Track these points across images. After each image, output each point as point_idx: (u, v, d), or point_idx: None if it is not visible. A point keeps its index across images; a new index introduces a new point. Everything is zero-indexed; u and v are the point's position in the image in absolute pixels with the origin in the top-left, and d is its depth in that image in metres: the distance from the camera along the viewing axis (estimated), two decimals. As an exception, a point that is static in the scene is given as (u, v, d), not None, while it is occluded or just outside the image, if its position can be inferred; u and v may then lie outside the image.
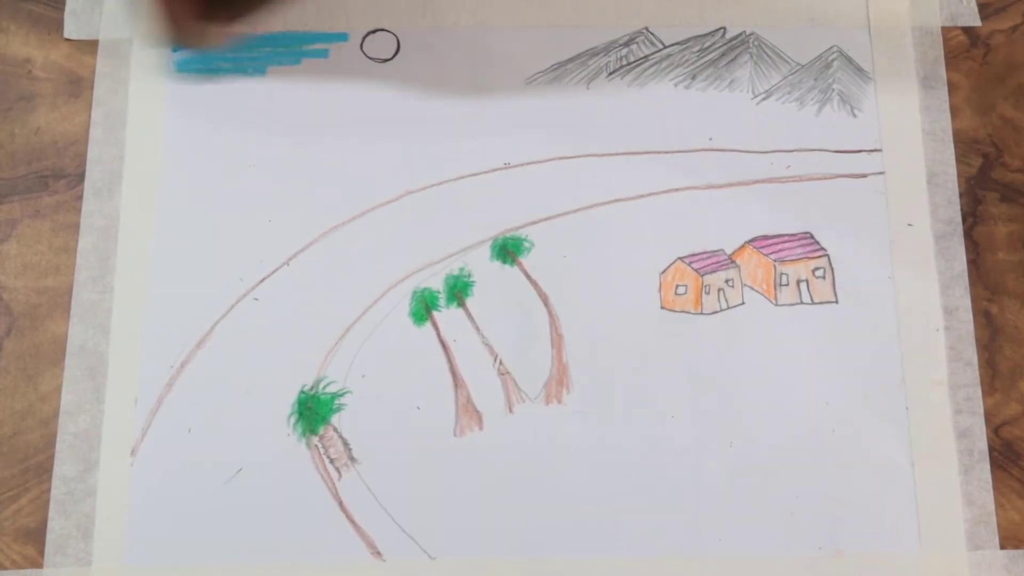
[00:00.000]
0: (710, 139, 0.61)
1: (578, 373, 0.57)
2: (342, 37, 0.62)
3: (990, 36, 0.63)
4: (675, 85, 0.62)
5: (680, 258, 0.59)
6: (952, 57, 0.62)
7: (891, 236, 0.59)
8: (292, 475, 0.55)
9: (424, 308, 0.58)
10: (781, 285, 0.58)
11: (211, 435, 0.56)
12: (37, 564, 0.54)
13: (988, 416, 0.56)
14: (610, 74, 0.62)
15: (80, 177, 0.60)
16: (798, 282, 0.58)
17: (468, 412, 0.56)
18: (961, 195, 0.60)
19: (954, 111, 0.61)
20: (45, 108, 0.61)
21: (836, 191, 0.60)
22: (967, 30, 0.63)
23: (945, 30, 0.63)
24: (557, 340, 0.57)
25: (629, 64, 0.62)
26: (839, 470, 0.55)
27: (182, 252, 0.59)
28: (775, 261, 0.58)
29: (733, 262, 0.59)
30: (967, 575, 0.54)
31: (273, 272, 0.58)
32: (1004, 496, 0.55)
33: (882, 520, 0.55)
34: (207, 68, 0.61)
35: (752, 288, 0.58)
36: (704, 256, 0.59)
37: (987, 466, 0.56)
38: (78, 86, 0.62)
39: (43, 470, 0.56)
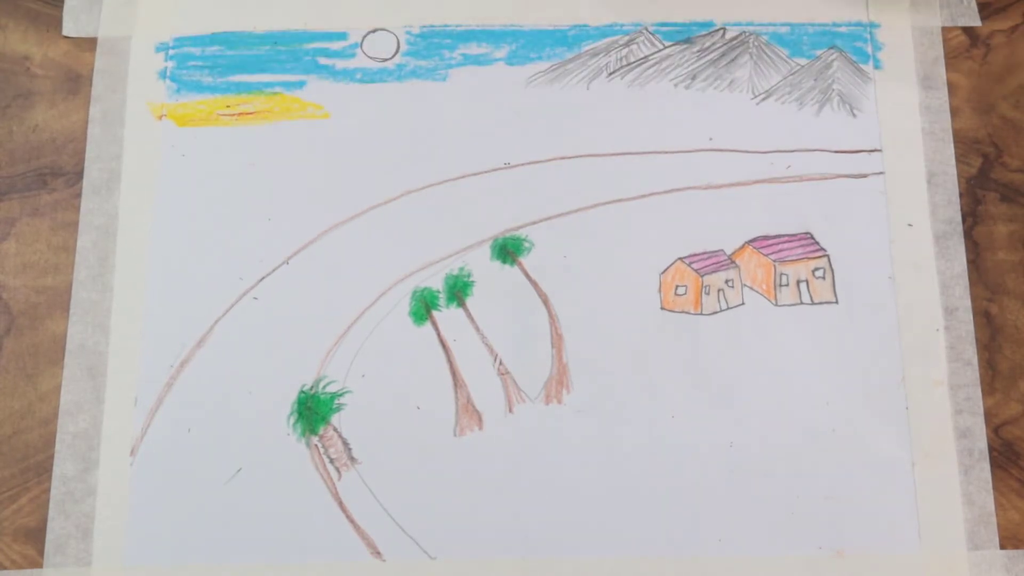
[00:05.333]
0: (710, 139, 0.61)
1: (578, 373, 0.57)
2: (342, 36, 0.62)
3: (990, 36, 0.63)
4: (675, 85, 0.62)
5: (680, 258, 0.58)
6: (952, 57, 0.62)
7: (891, 236, 0.59)
8: (292, 475, 0.55)
9: (424, 308, 0.58)
10: (781, 285, 0.58)
11: (211, 435, 0.56)
12: (37, 564, 0.54)
13: (988, 416, 0.56)
14: (610, 74, 0.62)
15: (79, 175, 0.60)
16: (798, 282, 0.58)
17: (468, 412, 0.56)
18: (961, 195, 0.60)
19: (954, 111, 0.61)
20: (43, 105, 0.61)
21: (836, 191, 0.60)
22: (967, 30, 0.63)
23: (945, 30, 0.63)
24: (557, 340, 0.57)
25: (629, 64, 0.62)
26: (839, 470, 0.55)
27: (181, 251, 0.59)
28: (775, 261, 0.58)
29: (733, 262, 0.59)
30: (967, 575, 0.54)
31: (273, 271, 0.58)
32: (1004, 496, 0.56)
33: (882, 520, 0.55)
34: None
35: (752, 288, 0.58)
36: (704, 256, 0.59)
37: (987, 466, 0.56)
38: (76, 83, 0.61)
39: (43, 470, 0.55)
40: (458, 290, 0.58)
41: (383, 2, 0.63)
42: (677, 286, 0.58)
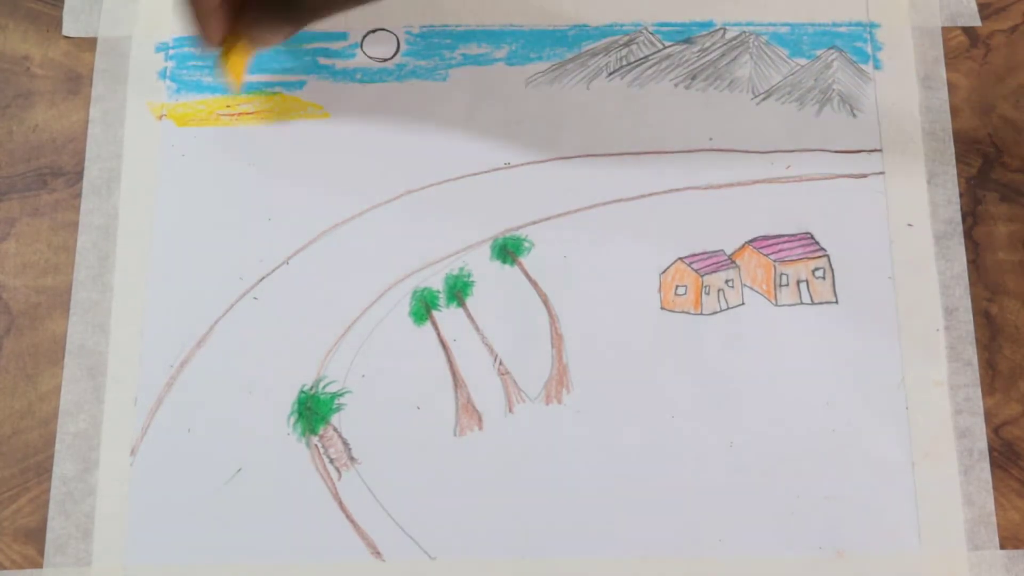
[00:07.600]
0: (710, 139, 0.61)
1: (578, 373, 0.57)
2: (342, 36, 0.62)
3: (990, 36, 0.63)
4: (675, 85, 0.62)
5: (680, 258, 0.58)
6: (952, 57, 0.62)
7: (891, 236, 0.59)
8: (292, 475, 0.55)
9: (424, 308, 0.58)
10: (781, 285, 0.58)
11: (211, 435, 0.56)
12: (37, 564, 0.54)
13: (988, 416, 0.56)
14: (610, 74, 0.62)
15: (79, 175, 0.60)
16: (798, 282, 0.58)
17: (468, 412, 0.56)
18: (961, 195, 0.60)
19: (954, 111, 0.61)
20: (43, 105, 0.61)
21: (836, 191, 0.60)
22: (967, 30, 0.63)
23: (945, 30, 0.63)
24: (557, 340, 0.57)
25: (629, 64, 0.62)
26: (839, 470, 0.55)
27: (181, 251, 0.58)
28: (775, 261, 0.58)
29: (733, 262, 0.59)
30: (967, 575, 0.54)
31: (273, 271, 0.58)
32: (1004, 496, 0.56)
33: (882, 520, 0.55)
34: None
35: (752, 288, 0.58)
36: (704, 256, 0.59)
37: (987, 466, 0.56)
38: (76, 83, 0.61)
39: (43, 470, 0.55)
40: (458, 290, 0.58)
41: (383, 2, 0.63)
42: (677, 286, 0.58)
